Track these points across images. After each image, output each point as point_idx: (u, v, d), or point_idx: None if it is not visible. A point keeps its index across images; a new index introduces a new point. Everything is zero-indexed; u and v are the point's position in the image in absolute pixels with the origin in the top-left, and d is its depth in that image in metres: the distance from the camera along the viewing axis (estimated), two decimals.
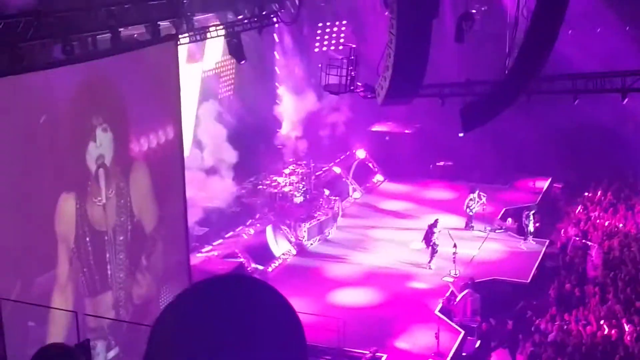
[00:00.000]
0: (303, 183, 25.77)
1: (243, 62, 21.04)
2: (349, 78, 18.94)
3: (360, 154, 29.64)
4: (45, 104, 12.70)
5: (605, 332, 17.58)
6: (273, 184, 25.52)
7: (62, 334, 12.72)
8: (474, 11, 22.94)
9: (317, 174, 27.23)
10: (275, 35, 25.68)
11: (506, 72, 16.85)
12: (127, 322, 14.56)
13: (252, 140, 25.61)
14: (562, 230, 24.43)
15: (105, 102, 14.07)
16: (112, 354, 14.42)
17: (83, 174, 13.71)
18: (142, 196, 15.28)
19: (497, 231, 24.54)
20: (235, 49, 20.27)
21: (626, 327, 17.59)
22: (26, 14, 12.15)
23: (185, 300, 1.48)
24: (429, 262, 21.92)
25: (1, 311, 11.13)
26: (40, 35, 12.61)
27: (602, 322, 17.98)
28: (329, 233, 24.82)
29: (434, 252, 21.88)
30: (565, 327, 17.98)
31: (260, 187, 25.66)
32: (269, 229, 23.70)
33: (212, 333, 1.39)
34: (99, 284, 14.23)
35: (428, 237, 22.03)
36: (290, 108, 28.13)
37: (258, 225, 23.91)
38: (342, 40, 28.59)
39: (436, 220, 22.33)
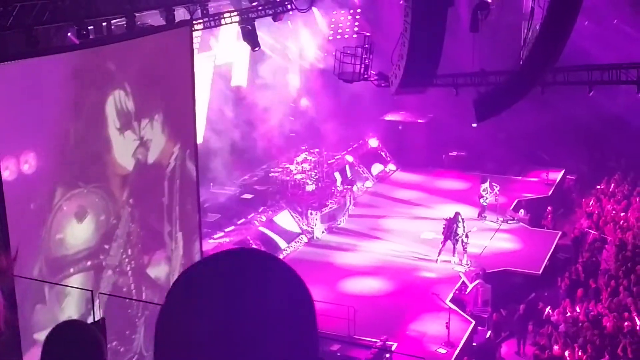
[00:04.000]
0: (315, 171, 25.80)
1: (257, 49, 21.04)
2: (363, 66, 18.92)
3: (373, 142, 29.61)
4: (58, 89, 12.68)
5: (617, 324, 17.53)
6: (285, 171, 25.57)
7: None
8: (489, 0, 22.82)
9: (329, 162, 27.23)
10: (289, 22, 25.61)
11: (521, 62, 16.79)
12: (145, 302, 14.62)
13: (266, 127, 25.70)
14: (575, 222, 24.35)
15: (117, 87, 13.99)
16: None
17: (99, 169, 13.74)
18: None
19: (509, 222, 24.48)
20: (249, 36, 20.26)
21: (638, 321, 17.53)
22: None
23: (195, 274, 1.49)
24: (460, 258, 21.47)
25: (15, 289, 11.21)
26: (55, 19, 12.63)
27: (613, 314, 17.94)
28: (341, 221, 24.83)
29: (464, 245, 21.46)
30: (580, 323, 17.89)
31: (272, 174, 25.71)
32: (285, 213, 23.77)
33: (221, 306, 1.40)
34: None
35: (449, 231, 21.61)
36: (304, 95, 28.15)
37: (270, 212, 23.95)
38: (356, 29, 28.50)
39: (457, 214, 21.83)
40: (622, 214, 23.67)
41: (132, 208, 14.28)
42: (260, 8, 20.24)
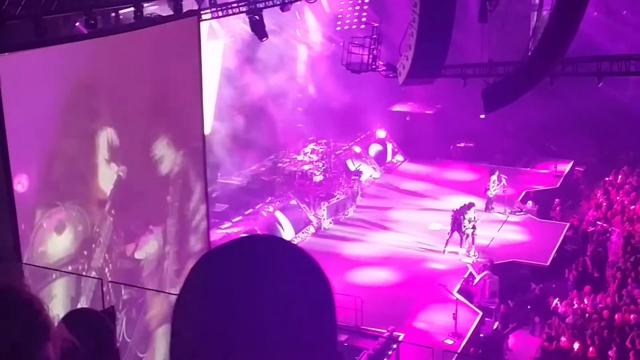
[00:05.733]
0: (323, 162, 25.79)
1: (265, 39, 20.98)
2: (371, 57, 18.86)
3: (381, 133, 29.58)
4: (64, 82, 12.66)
5: (624, 316, 17.51)
6: (292, 162, 25.58)
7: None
8: None
9: (337, 152, 27.22)
10: (297, 12, 25.54)
11: (530, 53, 16.71)
12: (156, 291, 14.62)
13: (273, 118, 25.72)
14: (583, 214, 24.29)
15: (120, 81, 13.89)
16: None
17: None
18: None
19: (517, 213, 24.44)
20: (257, 26, 20.20)
21: None
22: None
23: (212, 261, 1.46)
24: (468, 249, 21.42)
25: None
26: (63, 8, 12.63)
27: (621, 306, 17.91)
28: (348, 212, 24.84)
29: (473, 237, 21.41)
30: (588, 315, 17.88)
31: (280, 165, 25.72)
32: (293, 204, 23.80)
33: (238, 295, 1.37)
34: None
35: (456, 222, 21.60)
36: (311, 86, 28.11)
37: (277, 202, 23.97)
38: (364, 19, 28.40)
39: (464, 205, 21.72)
40: (631, 207, 23.58)
41: (113, 217, 14.40)
42: None
